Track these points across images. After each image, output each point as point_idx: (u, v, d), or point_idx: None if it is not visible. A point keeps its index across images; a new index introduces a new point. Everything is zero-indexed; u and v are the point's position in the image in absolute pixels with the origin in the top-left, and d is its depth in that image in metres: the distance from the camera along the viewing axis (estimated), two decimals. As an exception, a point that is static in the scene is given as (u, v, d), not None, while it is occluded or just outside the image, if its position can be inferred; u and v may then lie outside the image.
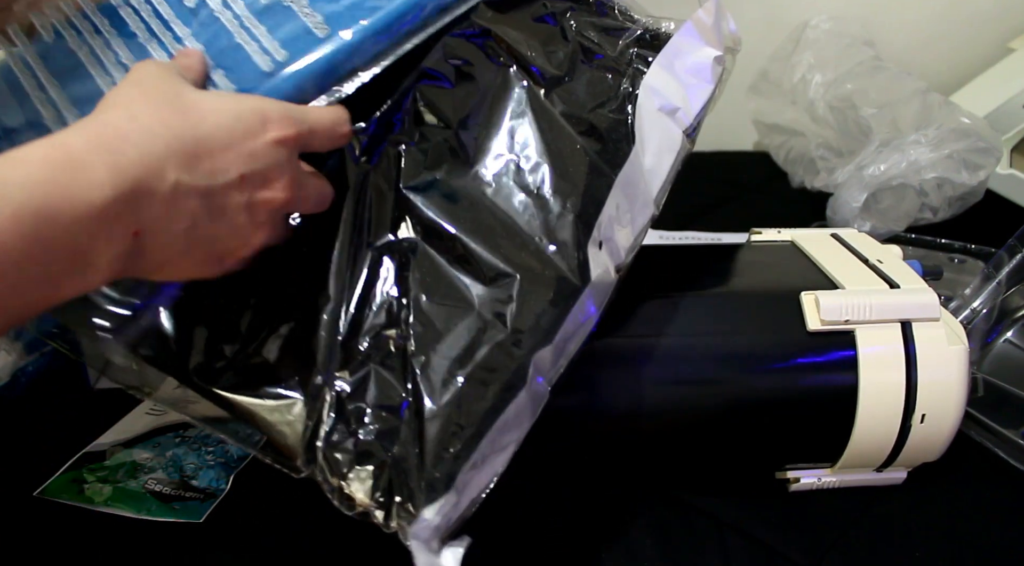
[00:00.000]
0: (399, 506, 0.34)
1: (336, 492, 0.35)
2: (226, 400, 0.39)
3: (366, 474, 0.35)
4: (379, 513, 0.34)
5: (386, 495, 0.34)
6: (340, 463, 0.35)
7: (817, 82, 0.93)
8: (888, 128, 0.84)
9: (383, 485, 0.35)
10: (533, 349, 0.37)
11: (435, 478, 0.34)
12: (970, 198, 0.83)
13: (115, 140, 0.29)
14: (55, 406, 0.61)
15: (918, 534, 0.50)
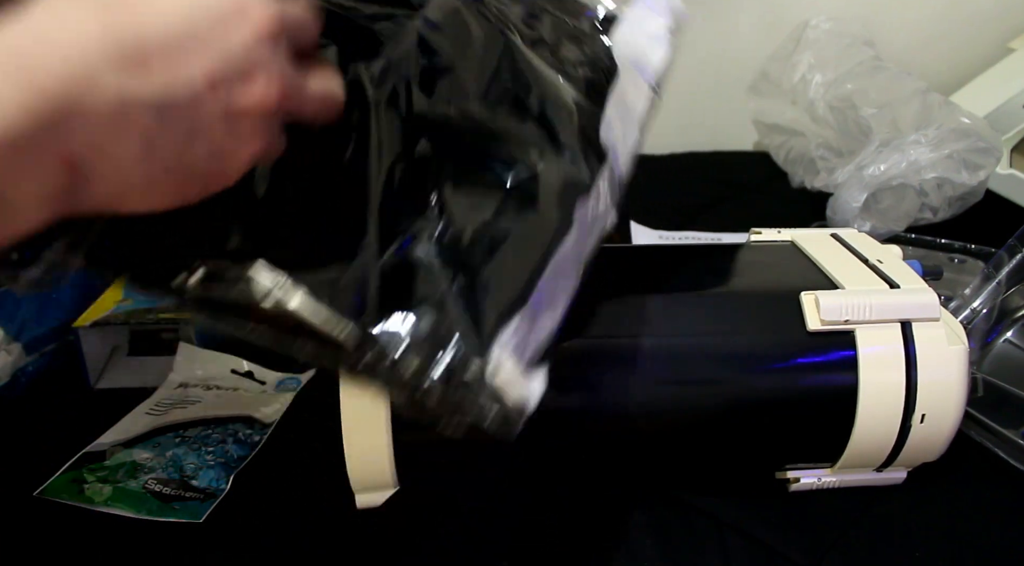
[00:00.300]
0: (462, 362, 0.33)
1: (391, 370, 0.34)
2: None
3: (422, 340, 0.34)
4: (437, 373, 0.33)
5: (452, 356, 0.34)
6: (394, 337, 0.34)
7: (817, 82, 0.93)
8: (888, 128, 0.84)
9: (446, 346, 0.34)
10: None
11: (494, 329, 0.34)
12: (970, 198, 0.83)
13: (31, 47, 0.23)
14: (55, 406, 0.61)
15: (918, 534, 0.50)
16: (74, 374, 0.63)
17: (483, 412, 0.34)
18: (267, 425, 0.57)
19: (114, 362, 0.66)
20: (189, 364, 0.63)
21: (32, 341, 0.63)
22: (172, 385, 0.62)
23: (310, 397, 0.61)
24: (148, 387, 0.62)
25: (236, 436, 0.55)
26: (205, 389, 0.62)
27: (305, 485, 0.53)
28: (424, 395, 0.33)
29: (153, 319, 0.62)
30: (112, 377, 0.64)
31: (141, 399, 0.60)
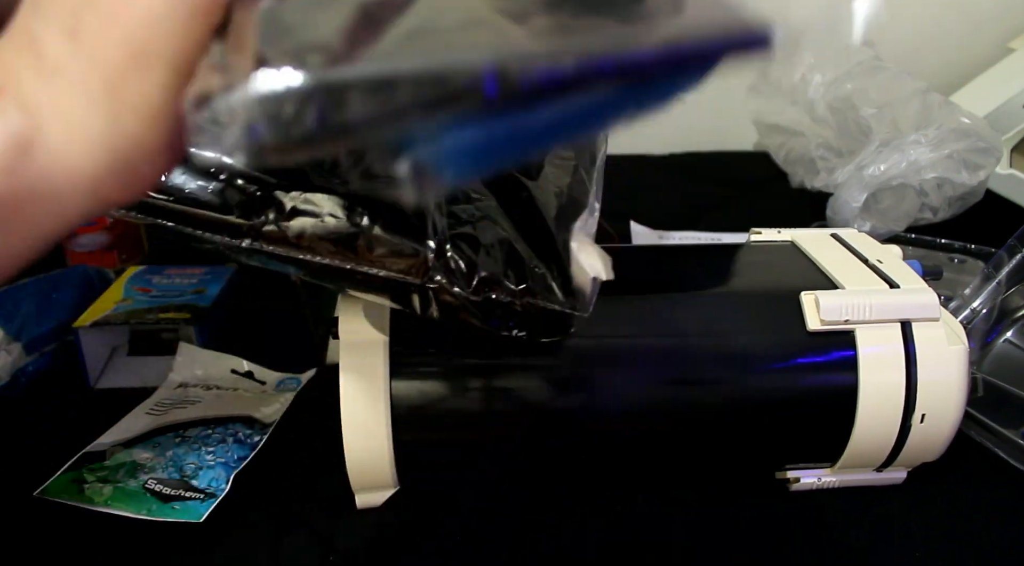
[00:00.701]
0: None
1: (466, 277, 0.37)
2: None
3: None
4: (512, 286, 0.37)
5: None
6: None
7: (817, 82, 0.93)
8: (888, 128, 0.84)
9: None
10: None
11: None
12: (970, 198, 0.83)
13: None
14: (55, 406, 0.61)
15: (918, 534, 0.50)
16: (74, 374, 0.63)
17: (555, 288, 0.37)
18: (267, 425, 0.57)
19: (114, 362, 0.66)
20: (189, 364, 0.63)
21: (32, 341, 0.63)
22: (172, 385, 0.62)
23: (310, 397, 0.61)
24: (148, 387, 0.62)
25: (236, 436, 0.55)
26: (205, 389, 0.62)
27: (305, 485, 0.53)
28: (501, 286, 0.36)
29: (153, 319, 0.62)
30: (112, 377, 0.64)
31: (141, 399, 0.60)
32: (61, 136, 0.23)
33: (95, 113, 0.23)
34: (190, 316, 0.63)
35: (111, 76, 0.22)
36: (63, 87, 0.23)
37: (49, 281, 0.68)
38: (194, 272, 0.71)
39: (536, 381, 0.46)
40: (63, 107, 0.23)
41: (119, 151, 0.23)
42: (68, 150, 0.23)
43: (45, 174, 0.23)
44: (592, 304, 0.38)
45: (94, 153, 0.23)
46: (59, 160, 0.23)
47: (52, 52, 0.23)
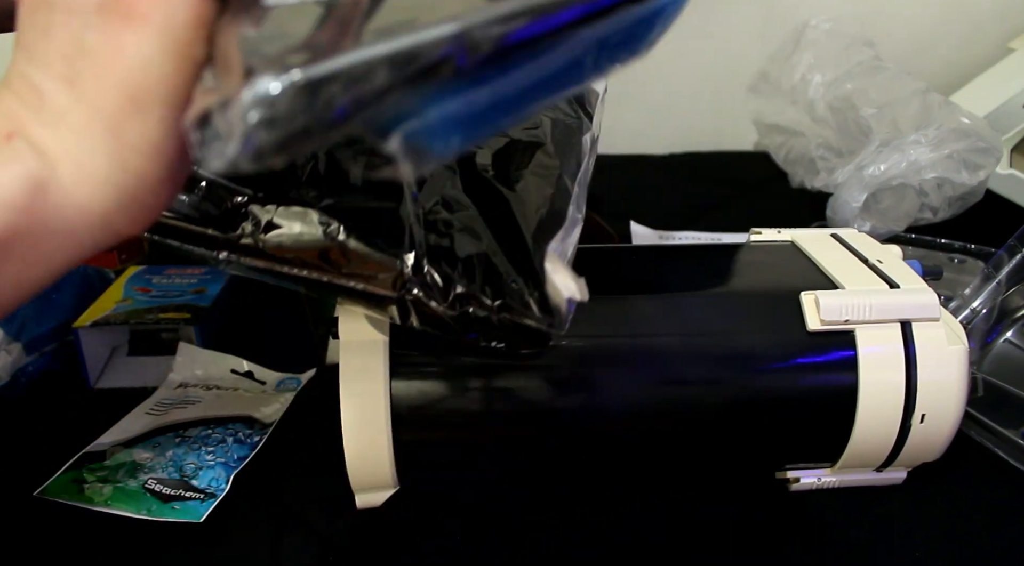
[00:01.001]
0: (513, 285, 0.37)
1: (442, 290, 0.37)
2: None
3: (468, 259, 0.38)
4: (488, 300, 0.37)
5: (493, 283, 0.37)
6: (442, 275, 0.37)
7: (817, 82, 0.93)
8: (888, 128, 0.84)
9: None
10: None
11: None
12: (970, 198, 0.83)
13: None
14: (55, 406, 0.61)
15: (918, 534, 0.50)
16: (74, 374, 0.63)
17: (532, 304, 0.37)
18: (267, 425, 0.57)
19: (114, 362, 0.66)
20: (189, 364, 0.63)
21: (32, 341, 0.63)
22: (172, 385, 0.62)
23: (310, 397, 0.61)
24: (148, 387, 0.62)
25: (236, 436, 0.55)
26: (205, 389, 0.62)
27: (305, 485, 0.53)
28: (476, 303, 0.37)
29: (153, 319, 0.62)
30: (112, 377, 0.64)
31: (141, 399, 0.60)
32: (71, 177, 0.24)
33: (100, 154, 0.24)
34: (190, 316, 0.63)
35: (111, 120, 0.24)
36: (68, 131, 0.24)
37: (49, 281, 0.68)
38: (194, 272, 0.71)
39: (536, 381, 0.46)
40: (70, 150, 0.24)
41: (126, 187, 0.25)
42: (79, 189, 0.24)
43: (59, 212, 0.24)
44: (568, 322, 0.38)
45: (103, 191, 0.24)
46: (71, 199, 0.24)
47: (53, 99, 0.24)
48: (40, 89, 0.24)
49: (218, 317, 0.66)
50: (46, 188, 0.24)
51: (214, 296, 0.66)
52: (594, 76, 0.25)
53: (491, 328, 0.38)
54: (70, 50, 0.23)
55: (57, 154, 0.24)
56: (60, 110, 0.24)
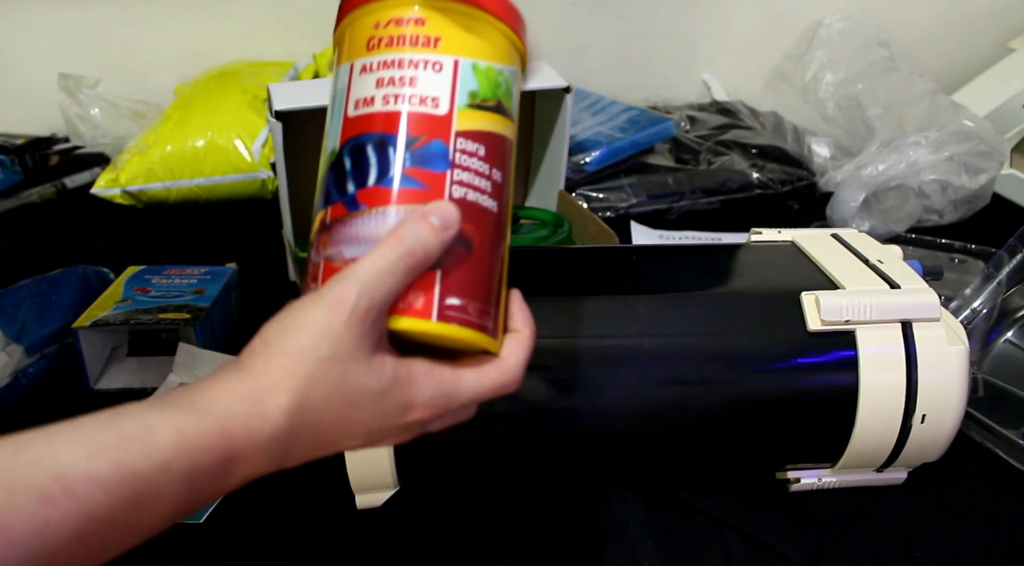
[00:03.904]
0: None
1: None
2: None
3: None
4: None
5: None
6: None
7: (827, 81, 0.93)
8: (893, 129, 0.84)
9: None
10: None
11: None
12: (977, 202, 0.83)
13: (251, 446, 0.28)
14: (55, 408, 0.61)
15: (918, 534, 0.50)
16: (74, 376, 0.63)
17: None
18: (267, 425, 0.57)
19: (114, 363, 0.66)
20: (189, 364, 0.63)
21: (33, 343, 0.63)
22: (171, 386, 0.62)
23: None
24: (148, 388, 0.62)
25: (236, 436, 0.55)
26: (205, 389, 0.62)
27: (305, 485, 0.52)
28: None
29: (153, 320, 0.62)
30: (112, 378, 0.64)
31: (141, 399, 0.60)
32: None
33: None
34: (190, 316, 0.63)
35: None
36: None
37: (48, 282, 0.68)
38: (194, 272, 0.71)
39: (536, 381, 0.46)
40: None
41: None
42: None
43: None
44: None
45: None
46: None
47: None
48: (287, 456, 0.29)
49: (218, 317, 0.66)
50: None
51: (214, 296, 0.66)
52: None
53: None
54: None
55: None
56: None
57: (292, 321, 0.29)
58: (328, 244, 0.32)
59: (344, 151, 0.33)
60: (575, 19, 1.17)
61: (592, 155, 0.92)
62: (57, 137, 1.08)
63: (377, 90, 0.33)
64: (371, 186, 0.32)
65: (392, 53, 0.33)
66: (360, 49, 0.34)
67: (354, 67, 0.34)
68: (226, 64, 1.06)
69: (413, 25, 0.33)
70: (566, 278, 0.51)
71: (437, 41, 0.33)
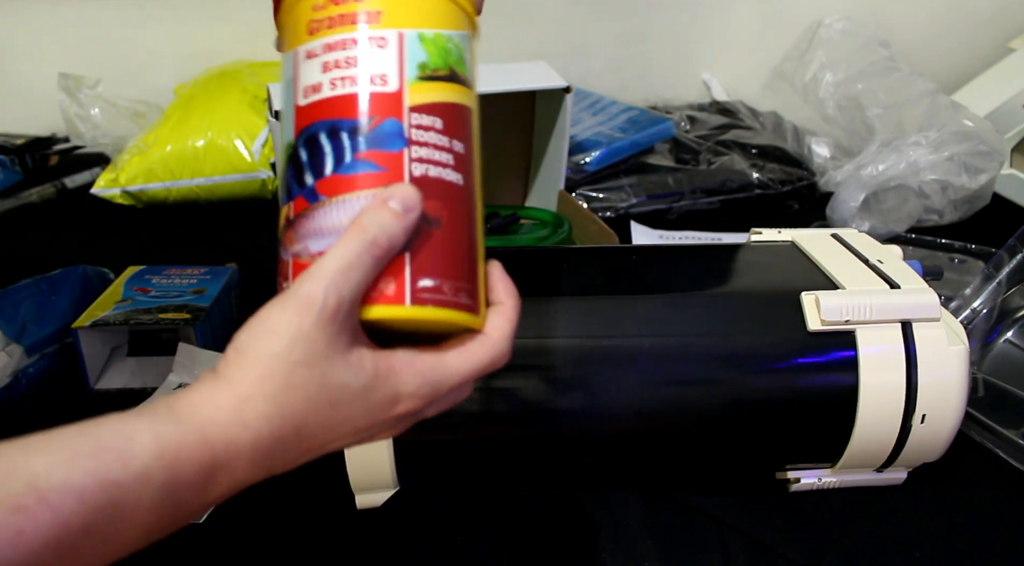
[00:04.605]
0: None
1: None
2: None
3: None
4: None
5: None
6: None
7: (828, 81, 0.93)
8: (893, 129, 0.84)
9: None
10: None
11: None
12: (977, 202, 0.83)
13: (234, 455, 0.27)
14: (55, 408, 0.61)
15: (918, 534, 0.50)
16: (74, 376, 0.63)
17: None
18: (267, 425, 0.57)
19: (114, 363, 0.66)
20: (189, 364, 0.63)
21: (33, 343, 0.63)
22: (171, 386, 0.62)
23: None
24: (148, 387, 0.62)
25: (236, 436, 0.55)
26: (205, 389, 0.62)
27: (305, 485, 0.52)
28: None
29: (153, 319, 0.62)
30: (112, 378, 0.64)
31: (141, 399, 0.60)
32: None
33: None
34: (190, 316, 0.63)
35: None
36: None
37: (48, 282, 0.68)
38: (194, 272, 0.71)
39: (536, 381, 0.46)
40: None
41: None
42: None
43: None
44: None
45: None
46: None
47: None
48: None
49: (218, 317, 0.66)
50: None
51: (214, 296, 0.66)
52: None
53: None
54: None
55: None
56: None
57: (262, 326, 0.28)
58: (294, 240, 0.31)
59: (299, 143, 0.32)
60: (575, 19, 1.17)
61: (592, 155, 0.92)
62: (57, 137, 1.08)
63: (324, 75, 0.31)
64: (329, 175, 0.31)
65: (334, 34, 0.31)
66: (302, 34, 0.32)
67: (298, 54, 0.32)
68: (226, 64, 1.06)
69: (352, 2, 0.32)
70: (566, 278, 0.51)
71: (378, 15, 0.32)
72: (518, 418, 0.47)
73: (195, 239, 0.89)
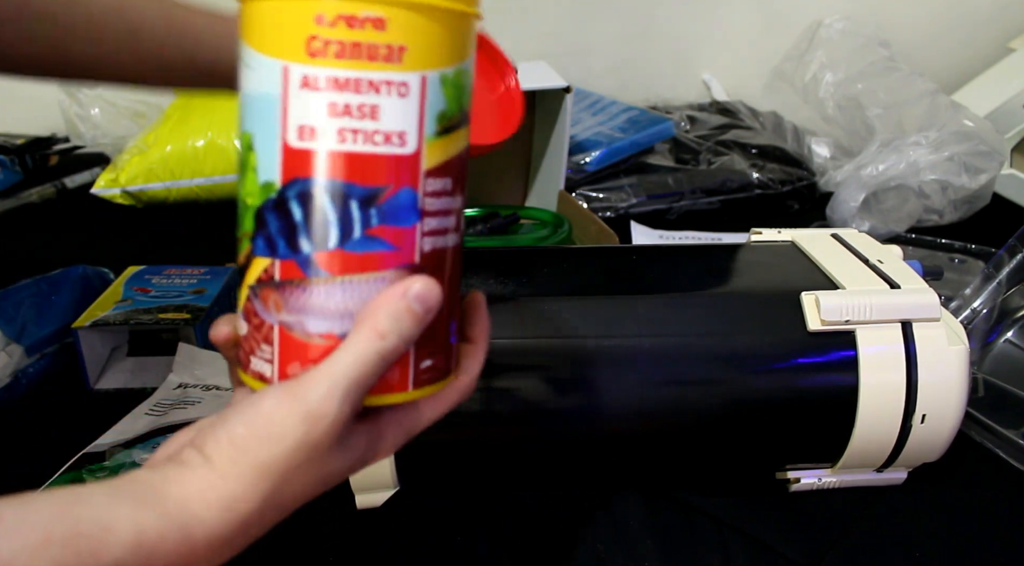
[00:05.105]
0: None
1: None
2: None
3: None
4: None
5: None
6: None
7: (827, 81, 0.93)
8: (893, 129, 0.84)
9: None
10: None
11: None
12: (977, 202, 0.83)
13: (216, 547, 0.27)
14: (55, 407, 0.61)
15: (918, 534, 0.50)
16: (74, 376, 0.63)
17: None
18: (267, 425, 0.57)
19: (114, 363, 0.66)
20: (188, 365, 0.63)
21: (33, 343, 0.63)
22: (171, 386, 0.62)
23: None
24: (148, 388, 0.62)
25: (236, 436, 0.55)
26: (204, 390, 0.62)
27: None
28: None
29: (153, 319, 0.62)
30: (112, 378, 0.64)
31: (141, 400, 0.60)
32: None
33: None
34: (190, 316, 0.63)
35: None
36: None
37: (48, 282, 0.68)
38: (194, 272, 0.71)
39: (536, 381, 0.46)
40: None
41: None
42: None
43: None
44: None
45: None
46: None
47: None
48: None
49: (218, 317, 0.66)
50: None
51: (214, 296, 0.66)
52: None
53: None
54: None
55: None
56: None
57: (264, 426, 0.26)
58: (282, 307, 0.28)
59: (289, 193, 0.27)
60: (575, 19, 1.17)
61: (592, 155, 0.92)
62: (57, 137, 1.08)
63: (329, 120, 0.26)
64: (332, 250, 0.27)
65: (346, 68, 0.25)
66: (296, 48, 0.26)
67: (290, 73, 0.26)
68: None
69: (371, 29, 0.25)
70: (566, 278, 0.51)
71: (401, 52, 0.26)
72: (518, 418, 0.47)
73: (195, 239, 0.89)
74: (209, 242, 0.87)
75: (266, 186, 0.27)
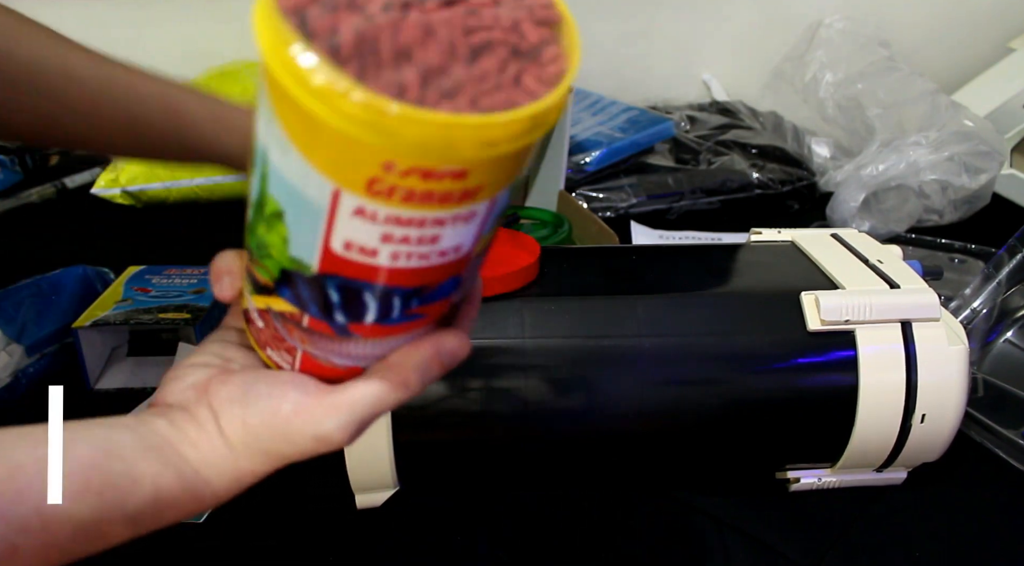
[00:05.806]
0: None
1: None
2: None
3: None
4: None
5: None
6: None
7: (827, 81, 0.93)
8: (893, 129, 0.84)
9: None
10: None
11: None
12: (977, 202, 0.83)
13: (202, 494, 0.29)
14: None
15: (918, 534, 0.50)
16: (74, 376, 0.63)
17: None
18: (267, 425, 0.57)
19: (114, 363, 0.66)
20: (189, 364, 0.63)
21: (33, 343, 0.63)
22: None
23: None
24: (148, 388, 0.62)
25: (236, 436, 0.55)
26: (205, 389, 0.62)
27: (305, 485, 0.52)
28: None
29: (153, 319, 0.62)
30: (112, 378, 0.64)
31: (141, 399, 0.60)
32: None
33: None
34: (190, 316, 0.63)
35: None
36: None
37: (48, 282, 0.68)
38: (194, 272, 0.71)
39: (536, 381, 0.46)
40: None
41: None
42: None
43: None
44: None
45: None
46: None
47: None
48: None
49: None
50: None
51: (214, 296, 0.66)
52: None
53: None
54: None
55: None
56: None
57: (280, 427, 0.28)
58: (307, 341, 0.28)
59: (328, 283, 0.25)
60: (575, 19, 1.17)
61: (592, 155, 0.92)
62: (57, 137, 1.08)
63: (382, 244, 0.24)
64: (369, 324, 0.27)
65: (409, 210, 0.23)
66: (355, 183, 0.22)
67: (341, 198, 0.22)
68: (226, 64, 1.06)
69: (450, 181, 0.22)
70: (566, 278, 0.51)
71: (477, 191, 0.23)
72: (518, 418, 0.47)
73: (195, 239, 0.89)
74: (209, 242, 0.87)
75: (298, 262, 0.25)
